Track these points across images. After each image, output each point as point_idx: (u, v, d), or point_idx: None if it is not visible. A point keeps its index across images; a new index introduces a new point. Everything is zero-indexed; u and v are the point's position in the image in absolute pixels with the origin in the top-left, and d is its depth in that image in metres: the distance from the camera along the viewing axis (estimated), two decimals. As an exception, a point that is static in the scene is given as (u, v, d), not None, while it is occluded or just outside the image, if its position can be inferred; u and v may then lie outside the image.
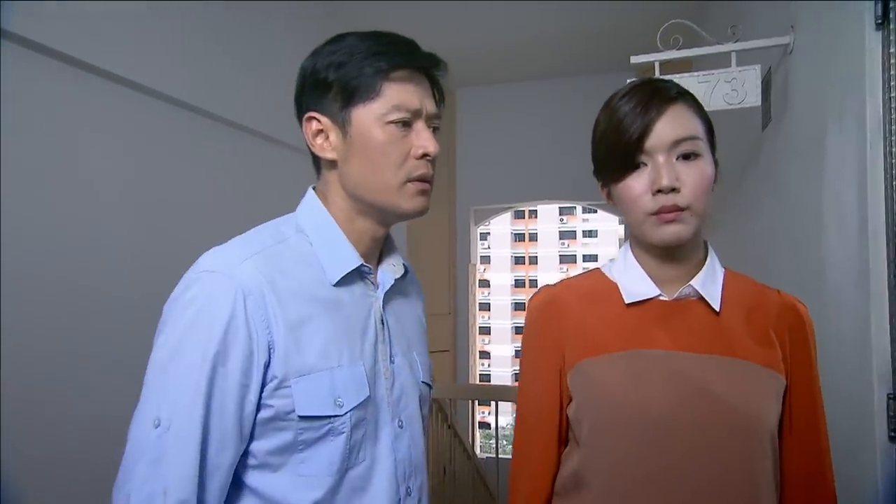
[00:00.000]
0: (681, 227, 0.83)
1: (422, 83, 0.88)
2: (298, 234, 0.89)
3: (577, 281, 0.97)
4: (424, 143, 0.86)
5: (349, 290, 0.89)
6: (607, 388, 0.86)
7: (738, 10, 2.35)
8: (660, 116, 0.84)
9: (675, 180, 0.82)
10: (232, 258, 0.81)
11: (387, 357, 0.91)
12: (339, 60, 0.85)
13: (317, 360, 0.81)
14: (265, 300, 0.79)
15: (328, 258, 0.87)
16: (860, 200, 1.16)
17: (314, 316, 0.83)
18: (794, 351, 0.87)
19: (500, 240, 37.53)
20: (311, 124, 0.88)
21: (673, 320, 0.87)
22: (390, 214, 0.90)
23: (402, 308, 0.98)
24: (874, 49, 1.12)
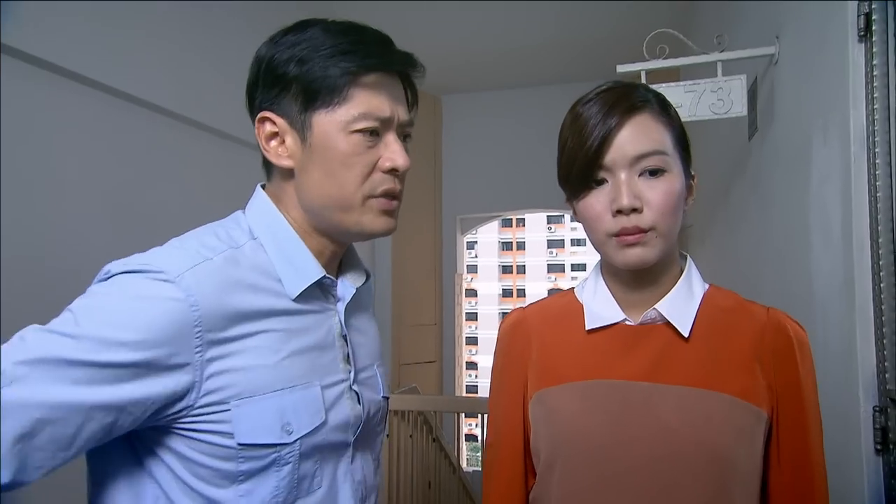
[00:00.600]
0: (644, 251, 0.77)
1: (395, 87, 0.80)
2: (253, 241, 0.80)
3: (548, 302, 0.93)
4: (393, 155, 0.78)
5: (311, 304, 0.81)
6: (562, 419, 0.82)
7: (724, 19, 2.39)
8: (620, 128, 0.78)
9: (637, 199, 0.76)
10: (179, 262, 0.72)
11: (349, 375, 0.84)
12: (301, 55, 0.76)
13: (263, 381, 0.73)
14: (207, 317, 0.70)
15: (286, 270, 0.79)
16: (844, 212, 1.18)
17: (265, 333, 0.75)
18: (780, 377, 0.78)
19: (488, 249, 37.60)
20: (265, 126, 0.79)
21: (638, 347, 0.81)
22: (351, 234, 0.82)
23: (362, 318, 0.91)
24: (857, 61, 1.14)
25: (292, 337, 0.78)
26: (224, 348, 0.72)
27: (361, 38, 0.78)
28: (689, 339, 0.80)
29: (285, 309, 0.78)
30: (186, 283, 0.70)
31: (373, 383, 0.89)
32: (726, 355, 0.79)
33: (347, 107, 0.76)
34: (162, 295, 0.69)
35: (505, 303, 37.71)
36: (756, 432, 0.77)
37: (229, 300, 0.73)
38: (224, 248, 0.77)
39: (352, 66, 0.76)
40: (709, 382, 0.78)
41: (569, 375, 0.83)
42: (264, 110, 0.79)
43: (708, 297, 0.84)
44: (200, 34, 2.33)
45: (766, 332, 0.80)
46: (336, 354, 0.83)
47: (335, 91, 0.76)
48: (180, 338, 0.69)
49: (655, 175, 0.77)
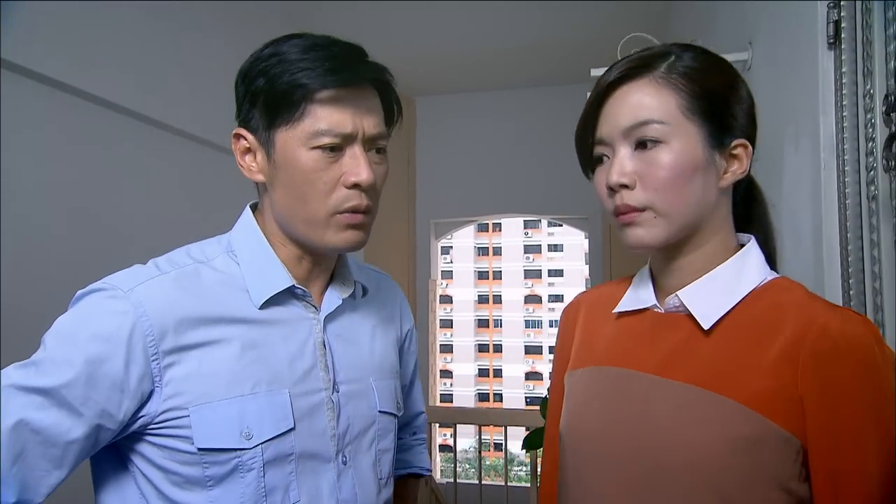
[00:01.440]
0: (642, 231, 0.73)
1: (361, 100, 0.80)
2: (226, 255, 0.85)
3: (607, 285, 0.92)
4: (357, 170, 0.79)
5: (282, 312, 0.84)
6: (570, 403, 0.85)
7: (699, 24, 2.43)
8: (610, 99, 0.74)
9: (625, 175, 0.72)
10: (132, 278, 0.78)
11: (329, 385, 0.86)
12: (270, 71, 0.78)
13: (223, 387, 0.77)
14: (159, 326, 0.75)
15: (254, 280, 0.83)
16: (814, 219, 1.21)
17: (226, 340, 0.79)
18: (815, 390, 0.66)
19: (463, 254, 37.68)
20: (240, 142, 0.83)
21: (659, 336, 0.78)
22: (318, 248, 0.84)
23: (357, 331, 0.93)
24: (827, 68, 1.17)
25: (256, 344, 0.80)
26: (181, 355, 0.76)
27: (324, 55, 0.79)
28: (710, 333, 0.73)
29: (248, 317, 0.81)
30: (136, 296, 0.75)
31: (364, 396, 0.90)
32: (746, 356, 0.70)
33: (306, 123, 0.78)
34: (112, 309, 0.74)
35: (481, 309, 37.80)
36: (763, 451, 0.67)
37: (184, 309, 0.77)
38: (188, 263, 0.82)
39: (308, 83, 0.77)
40: (717, 383, 0.70)
41: (592, 359, 0.84)
42: (239, 126, 0.83)
43: (761, 290, 0.74)
44: (202, 49, 2.38)
45: (810, 334, 0.67)
46: (314, 363, 0.84)
47: (293, 107, 0.78)
48: (134, 347, 0.74)
49: (646, 147, 0.72)
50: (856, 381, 0.64)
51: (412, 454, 1.17)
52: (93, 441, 0.73)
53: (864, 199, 1.07)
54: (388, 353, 0.98)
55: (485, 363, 37.23)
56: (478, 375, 36.97)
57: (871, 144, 1.03)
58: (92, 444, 0.73)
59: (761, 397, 0.67)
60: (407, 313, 1.09)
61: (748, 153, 0.76)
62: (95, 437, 0.73)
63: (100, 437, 0.74)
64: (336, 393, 0.86)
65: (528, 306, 37.05)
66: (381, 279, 1.05)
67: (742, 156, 0.76)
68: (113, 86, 2.01)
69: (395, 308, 1.05)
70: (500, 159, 4.25)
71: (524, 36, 3.45)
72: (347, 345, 0.90)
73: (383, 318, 0.99)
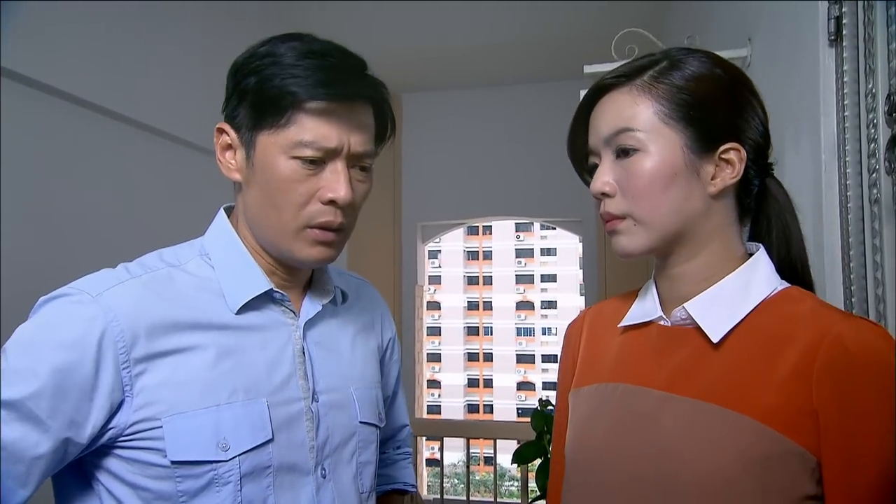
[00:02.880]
0: (624, 240, 0.77)
1: (352, 115, 0.80)
2: (200, 258, 0.85)
3: (615, 298, 0.94)
4: (336, 186, 0.79)
5: (260, 318, 0.85)
6: (576, 422, 0.85)
7: (696, 20, 2.45)
8: (594, 109, 0.80)
9: (607, 184, 0.77)
10: (100, 282, 0.77)
11: (308, 394, 0.86)
12: (263, 71, 0.79)
13: (198, 395, 0.77)
14: (129, 332, 0.74)
15: (230, 283, 0.83)
16: (815, 225, 1.21)
17: (201, 347, 0.78)
18: (830, 404, 0.66)
19: (452, 258, 37.70)
20: (221, 137, 0.84)
21: (666, 350, 0.78)
22: (284, 258, 0.85)
23: (337, 338, 0.93)
24: (828, 66, 1.18)
25: (233, 351, 0.80)
26: (153, 363, 0.75)
27: (321, 64, 0.79)
28: (720, 346, 0.74)
29: (224, 323, 0.81)
30: (105, 300, 0.74)
31: (344, 406, 0.90)
32: (758, 369, 0.70)
33: (290, 131, 0.78)
34: (80, 315, 0.73)
35: (471, 316, 37.82)
36: (778, 469, 0.67)
37: (156, 315, 0.77)
38: (160, 266, 0.82)
39: (299, 91, 0.77)
40: (728, 399, 0.70)
41: (597, 376, 0.85)
42: (224, 121, 0.83)
43: (773, 301, 0.75)
44: (179, 44, 2.40)
45: (824, 345, 0.67)
46: (293, 371, 0.85)
47: (279, 113, 0.78)
48: (104, 355, 0.73)
49: (627, 155, 0.75)
50: (873, 393, 0.65)
51: (396, 469, 1.17)
52: (60, 456, 0.72)
53: (867, 203, 1.08)
54: (368, 362, 0.98)
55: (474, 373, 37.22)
56: (467, 386, 36.96)
57: (874, 146, 1.04)
58: (59, 459, 0.72)
59: (775, 412, 0.68)
60: (388, 321, 1.09)
61: (742, 157, 0.76)
62: (63, 452, 0.72)
63: (67, 451, 0.73)
64: (315, 402, 0.86)
65: (520, 313, 37.10)
66: (360, 285, 1.05)
67: (734, 160, 0.76)
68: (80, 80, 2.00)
69: (376, 316, 1.05)
70: (490, 159, 4.26)
71: (515, 30, 3.46)
72: (327, 353, 0.91)
73: (364, 326, 1.00)
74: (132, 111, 2.19)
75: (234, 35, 2.46)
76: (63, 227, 1.96)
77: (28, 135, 1.82)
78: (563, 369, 0.95)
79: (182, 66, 2.41)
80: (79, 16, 1.97)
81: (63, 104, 1.96)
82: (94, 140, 2.08)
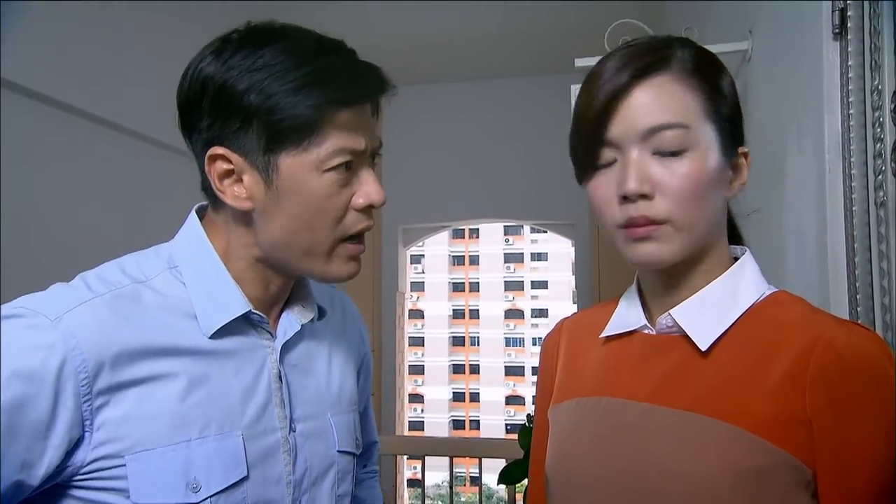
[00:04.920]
0: (657, 247, 0.73)
1: (367, 113, 0.81)
2: (169, 272, 0.81)
3: (592, 309, 0.95)
4: (369, 190, 0.81)
5: (234, 341, 0.82)
6: (557, 439, 0.85)
7: (694, 11, 2.48)
8: (631, 94, 0.72)
9: (646, 184, 0.71)
10: (59, 302, 0.73)
11: (286, 424, 0.84)
12: (262, 86, 0.75)
13: (166, 430, 0.74)
14: (93, 361, 0.71)
15: (204, 304, 0.80)
16: (819, 229, 1.23)
17: (171, 375, 0.76)
18: (823, 413, 0.67)
19: (436, 263, 37.73)
20: (218, 164, 0.78)
21: (651, 360, 0.78)
22: (312, 277, 0.85)
23: (315, 357, 0.92)
24: (832, 61, 1.19)
25: (206, 379, 0.78)
26: (117, 395, 0.72)
27: (331, 64, 0.78)
28: (708, 355, 0.74)
29: (197, 348, 0.78)
30: (66, 324, 0.70)
31: (322, 434, 0.89)
32: (748, 378, 0.71)
33: (320, 146, 0.77)
34: (36, 341, 0.69)
35: (455, 325, 37.84)
36: (771, 481, 0.68)
37: (122, 340, 0.73)
38: (125, 282, 0.78)
39: (324, 101, 0.75)
40: (717, 409, 0.71)
41: (578, 390, 0.85)
42: (216, 145, 0.78)
43: (761, 306, 0.76)
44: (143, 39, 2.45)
45: (816, 351, 0.68)
46: (269, 399, 0.82)
47: (306, 130, 0.76)
48: (63, 388, 0.69)
49: (673, 155, 0.72)
50: (868, 399, 0.66)
51: (364, 489, 1.16)
52: (7, 500, 0.69)
53: (872, 206, 1.09)
54: (346, 384, 0.97)
55: (460, 386, 37.22)
56: (452, 400, 36.94)
57: (880, 146, 1.05)
58: (10, 498, 0.69)
59: (767, 422, 0.68)
60: (365, 336, 1.08)
61: (749, 161, 0.78)
62: (11, 496, 0.69)
63: (16, 494, 0.69)
64: (292, 433, 0.85)
65: (509, 322, 37.19)
66: (335, 296, 1.04)
67: (743, 165, 0.78)
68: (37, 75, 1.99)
69: (355, 331, 1.04)
70: (477, 157, 4.26)
71: (503, 20, 3.48)
72: (304, 376, 0.89)
73: (342, 344, 0.98)
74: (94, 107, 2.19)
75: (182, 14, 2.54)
76: (29, 230, 1.97)
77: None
78: (541, 385, 0.95)
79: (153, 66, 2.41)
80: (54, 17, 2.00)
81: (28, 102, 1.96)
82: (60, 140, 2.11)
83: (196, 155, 0.82)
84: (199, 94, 0.78)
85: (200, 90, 0.78)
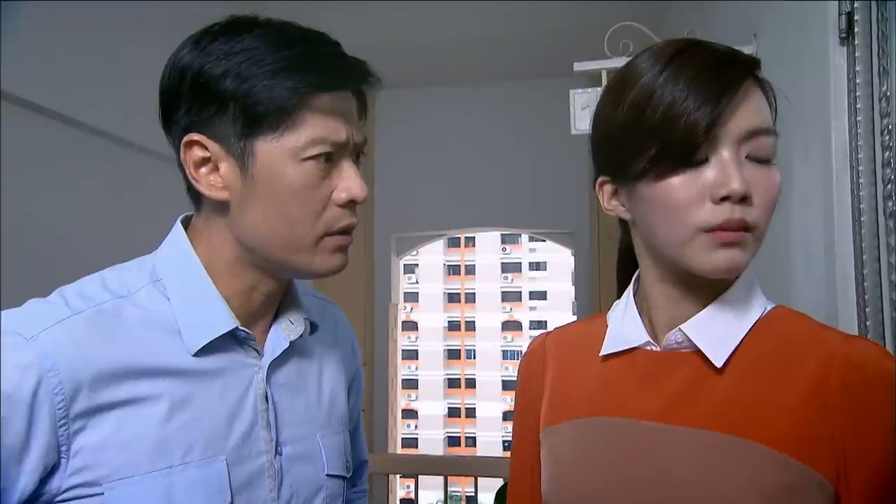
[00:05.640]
0: (740, 255, 0.72)
1: (349, 103, 0.81)
2: (152, 286, 0.81)
3: (575, 325, 0.95)
4: (351, 185, 0.80)
5: (220, 360, 0.81)
6: (559, 463, 0.84)
7: (696, 13, 2.49)
8: (737, 93, 0.70)
9: (748, 186, 0.70)
10: (35, 320, 0.72)
11: (271, 447, 0.83)
12: (239, 70, 0.76)
13: (146, 457, 0.73)
14: (70, 383, 0.70)
15: (189, 320, 0.79)
16: (826, 241, 1.23)
17: (153, 397, 0.75)
18: (851, 430, 0.68)
19: (430, 273, 37.72)
20: (193, 151, 0.79)
21: (659, 378, 0.78)
22: (296, 273, 0.84)
23: (304, 375, 0.91)
24: (839, 66, 1.20)
25: (189, 401, 0.77)
26: (95, 418, 0.71)
27: (310, 50, 0.78)
28: (723, 372, 0.74)
29: (181, 368, 0.78)
30: (42, 344, 0.70)
31: (310, 457, 0.88)
32: (770, 393, 0.72)
33: (297, 132, 0.77)
34: (11, 361, 0.68)
35: (451, 338, 37.81)
36: (799, 499, 0.68)
37: (101, 360, 0.72)
38: (106, 298, 0.77)
39: (302, 85, 0.76)
40: (737, 426, 0.71)
41: (576, 411, 0.84)
42: (192, 132, 0.78)
43: (766, 321, 0.77)
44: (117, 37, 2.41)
45: (835, 367, 0.70)
46: (254, 421, 0.82)
47: (283, 114, 0.76)
48: (38, 411, 0.68)
49: (765, 162, 0.72)
50: (891, 412, 0.68)
51: None
52: None
53: (882, 217, 1.09)
54: (337, 403, 0.96)
55: (455, 401, 37.15)
56: (447, 416, 36.88)
57: (889, 154, 1.06)
58: None
59: (789, 438, 0.69)
60: (357, 351, 1.07)
61: None
62: None
63: None
64: (278, 456, 0.84)
65: (507, 334, 37.17)
66: (326, 308, 1.02)
67: None
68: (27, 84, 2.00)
69: (347, 346, 1.03)
70: (473, 164, 4.26)
71: (500, 21, 3.49)
72: (293, 396, 0.88)
73: (333, 360, 0.97)
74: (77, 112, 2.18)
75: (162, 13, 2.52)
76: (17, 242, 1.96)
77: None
78: (524, 406, 0.93)
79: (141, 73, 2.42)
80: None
81: None
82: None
83: (176, 151, 0.81)
84: (177, 84, 0.79)
85: (178, 79, 0.79)
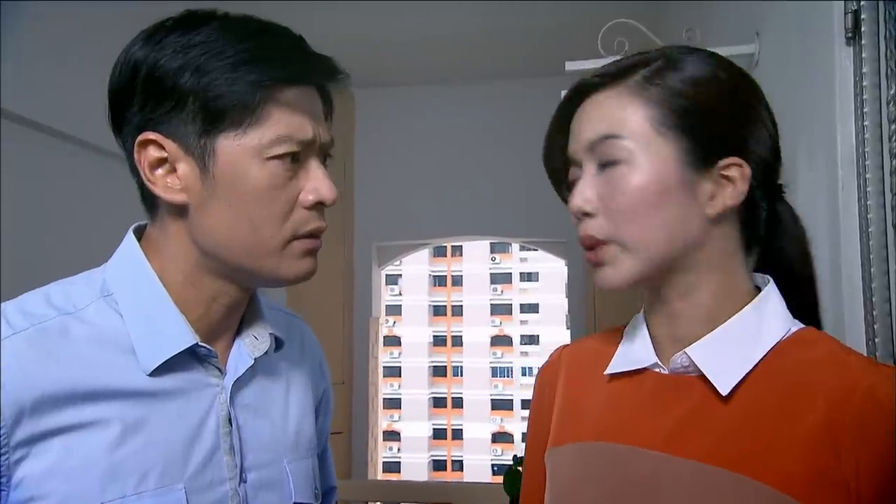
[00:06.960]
0: (609, 271, 0.76)
1: (314, 100, 0.82)
2: (103, 301, 0.80)
3: (592, 339, 0.95)
4: (319, 185, 0.80)
5: (178, 379, 0.80)
6: (557, 488, 0.84)
7: (696, 11, 2.52)
8: (578, 110, 0.81)
9: (587, 201, 0.76)
10: None
11: (235, 474, 0.82)
12: (198, 63, 0.75)
13: (97, 485, 0.72)
14: (12, 408, 0.69)
15: (143, 336, 0.78)
16: (832, 252, 1.24)
17: (103, 421, 0.74)
18: (865, 469, 0.66)
19: (415, 284, 37.66)
20: (148, 151, 0.78)
21: (664, 403, 0.78)
22: (261, 280, 0.83)
23: (270, 396, 0.90)
24: (845, 67, 1.21)
25: (144, 424, 0.76)
26: (39, 445, 0.71)
27: (273, 42, 0.79)
28: (729, 399, 0.74)
29: (134, 389, 0.77)
30: None
31: (276, 484, 0.87)
32: (775, 427, 0.70)
33: (262, 129, 0.77)
34: None
35: (436, 353, 37.73)
36: None
37: (46, 383, 0.72)
38: (51, 315, 0.76)
39: (266, 77, 0.76)
40: (741, 463, 0.70)
41: (580, 433, 0.84)
42: (147, 130, 0.77)
43: (786, 345, 0.75)
44: None
45: (854, 400, 0.68)
46: (216, 445, 0.81)
47: (246, 110, 0.76)
48: None
49: (611, 166, 0.76)
50: None
51: None
52: None
53: (890, 228, 1.10)
54: (304, 426, 0.96)
55: (441, 422, 37.06)
56: (433, 438, 36.77)
57: (897, 161, 1.07)
58: None
59: (797, 479, 0.67)
60: (326, 369, 1.07)
61: (745, 175, 0.77)
62: None
63: None
64: (243, 483, 0.83)
65: (496, 350, 37.17)
66: (292, 323, 1.02)
67: (736, 178, 0.77)
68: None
69: (315, 364, 1.03)
70: (459, 168, 4.26)
71: (488, 18, 3.50)
72: (257, 418, 0.87)
73: (300, 379, 0.97)
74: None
75: None
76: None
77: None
78: (535, 423, 0.95)
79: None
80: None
81: None
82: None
83: (128, 154, 0.80)
84: (129, 80, 0.78)
85: (131, 75, 0.78)
